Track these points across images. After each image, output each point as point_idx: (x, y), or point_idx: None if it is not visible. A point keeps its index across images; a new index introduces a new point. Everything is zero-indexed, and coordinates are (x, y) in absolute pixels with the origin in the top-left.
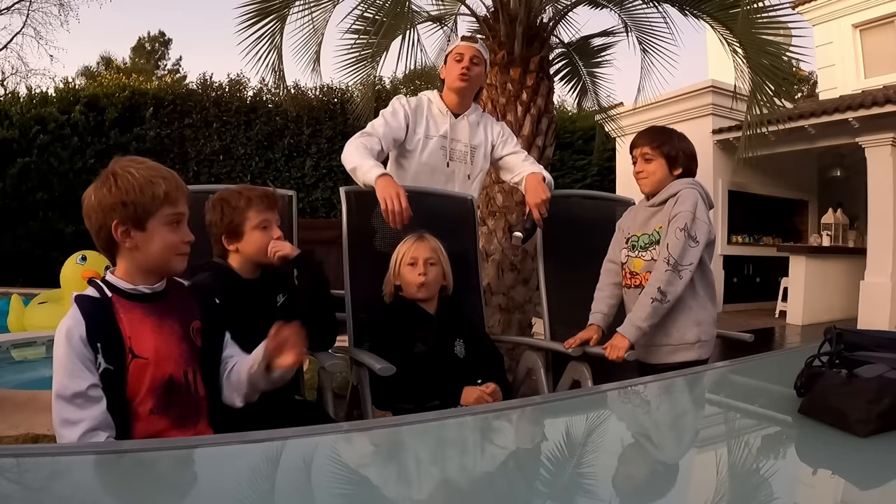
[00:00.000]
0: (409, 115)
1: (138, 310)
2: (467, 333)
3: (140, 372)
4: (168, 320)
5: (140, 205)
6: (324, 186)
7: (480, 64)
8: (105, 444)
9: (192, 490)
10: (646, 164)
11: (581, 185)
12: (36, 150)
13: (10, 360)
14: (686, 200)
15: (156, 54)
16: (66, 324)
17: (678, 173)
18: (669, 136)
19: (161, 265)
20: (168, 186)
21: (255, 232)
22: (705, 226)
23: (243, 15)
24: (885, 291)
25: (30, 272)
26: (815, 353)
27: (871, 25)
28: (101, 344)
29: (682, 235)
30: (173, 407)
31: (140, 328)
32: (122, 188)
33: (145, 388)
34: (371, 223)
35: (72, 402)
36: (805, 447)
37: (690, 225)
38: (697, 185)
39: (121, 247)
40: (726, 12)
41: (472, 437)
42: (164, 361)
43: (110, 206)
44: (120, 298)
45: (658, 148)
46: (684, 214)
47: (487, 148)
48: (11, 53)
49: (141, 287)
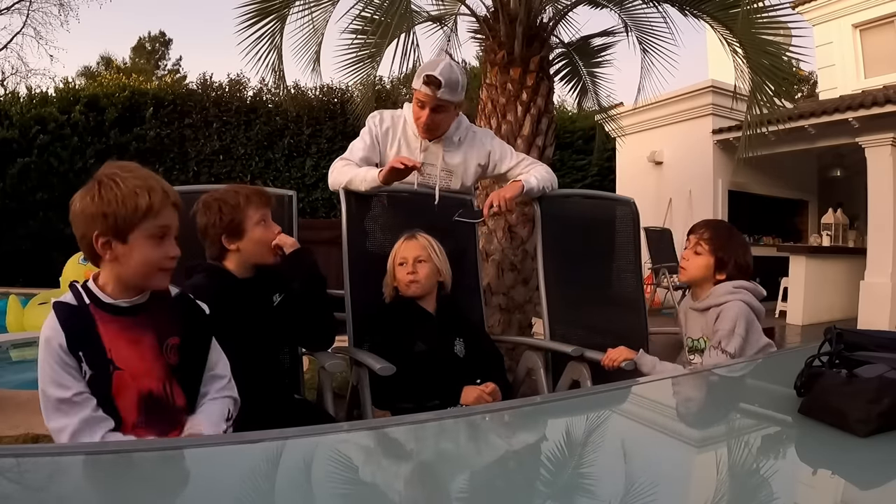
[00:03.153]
0: (378, 137)
1: (115, 323)
2: (467, 333)
3: (122, 382)
4: (146, 335)
5: (121, 217)
6: (324, 186)
7: (445, 110)
8: (105, 444)
9: (193, 490)
10: (694, 256)
11: (581, 185)
12: (36, 150)
13: (10, 360)
14: (727, 316)
15: (156, 54)
16: (46, 332)
17: (721, 279)
18: (730, 239)
19: (141, 280)
20: (153, 199)
21: (257, 228)
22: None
23: (243, 15)
24: (885, 291)
25: (30, 272)
26: (815, 353)
27: (871, 25)
28: (83, 352)
29: (717, 354)
30: (156, 421)
31: (117, 342)
32: (105, 199)
33: (131, 400)
34: (371, 223)
35: (58, 410)
36: (805, 447)
37: (727, 344)
38: (741, 293)
39: (103, 258)
40: (726, 12)
41: (472, 436)
42: (141, 376)
43: (91, 216)
44: (97, 309)
45: (711, 243)
46: (721, 332)
47: (471, 168)
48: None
49: (120, 301)
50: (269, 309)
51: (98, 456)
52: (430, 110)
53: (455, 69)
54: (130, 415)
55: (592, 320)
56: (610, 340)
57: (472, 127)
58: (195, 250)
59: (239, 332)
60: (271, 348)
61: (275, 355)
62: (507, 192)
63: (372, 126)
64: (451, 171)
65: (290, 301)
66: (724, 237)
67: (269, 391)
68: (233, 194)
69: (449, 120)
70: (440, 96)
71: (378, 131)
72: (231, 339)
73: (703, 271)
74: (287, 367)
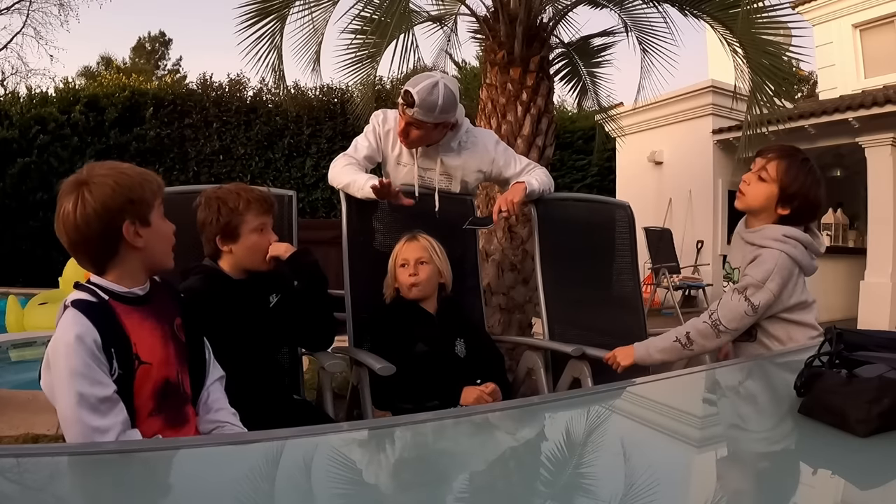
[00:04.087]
0: (380, 137)
1: (136, 313)
2: (468, 333)
3: (144, 376)
4: (160, 321)
5: (144, 201)
6: (324, 186)
7: (420, 128)
8: (105, 443)
9: (193, 490)
10: (757, 181)
11: (581, 185)
12: (36, 150)
13: (10, 360)
14: (763, 265)
15: (156, 54)
16: (75, 330)
17: (784, 213)
18: (804, 168)
19: (162, 260)
20: (157, 179)
21: (252, 235)
22: (769, 294)
23: (243, 15)
24: (885, 291)
25: (30, 272)
26: (815, 353)
27: (871, 25)
28: (114, 349)
29: (739, 300)
30: (167, 408)
31: (141, 332)
32: (126, 186)
33: (147, 392)
34: (371, 223)
35: (97, 410)
36: (805, 447)
37: (753, 294)
38: (791, 244)
39: (125, 248)
40: (726, 12)
41: (472, 437)
42: (162, 364)
43: (119, 207)
44: (118, 303)
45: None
46: (750, 279)
47: (471, 173)
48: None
49: (136, 289)
50: (265, 310)
51: (98, 456)
52: (405, 124)
53: (437, 91)
54: (146, 405)
55: (591, 321)
56: (609, 340)
57: (472, 131)
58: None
59: (235, 334)
60: (269, 349)
61: (272, 356)
62: (514, 196)
63: (375, 125)
64: (450, 174)
65: (289, 301)
66: (797, 166)
67: (267, 392)
68: (234, 196)
69: (430, 136)
70: (412, 115)
71: (381, 131)
72: (228, 341)
73: (764, 201)
74: (287, 368)
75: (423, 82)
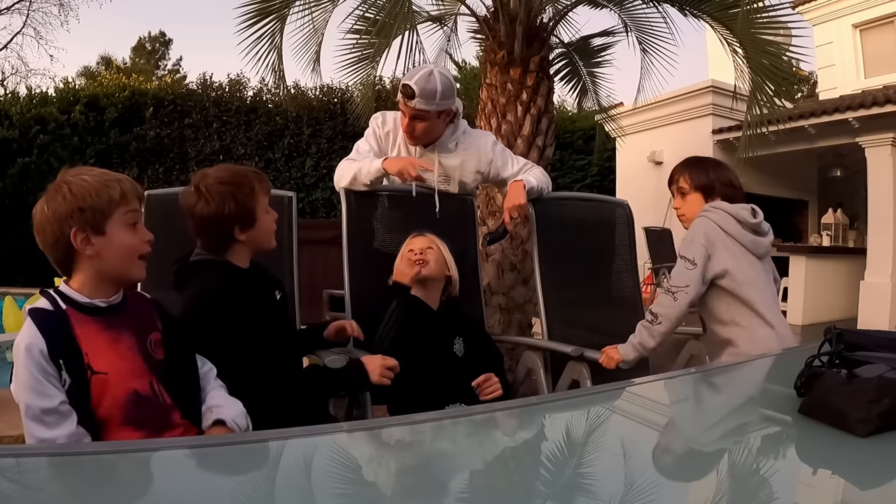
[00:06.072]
0: (381, 139)
1: (93, 324)
2: (467, 332)
3: (101, 387)
4: (125, 334)
5: (97, 209)
6: (324, 186)
7: (425, 119)
8: (105, 444)
9: (193, 490)
10: (682, 200)
11: (581, 185)
12: (36, 150)
13: (7, 360)
14: (690, 231)
15: (156, 54)
16: (25, 340)
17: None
18: (703, 165)
19: (122, 271)
20: (123, 187)
21: (264, 216)
22: (700, 247)
23: (243, 15)
24: (885, 291)
25: (30, 272)
26: (815, 353)
27: (871, 25)
28: (62, 360)
29: (679, 262)
30: (146, 420)
31: (96, 343)
32: (77, 194)
33: (109, 402)
34: (371, 223)
35: (43, 422)
36: (805, 447)
37: (686, 250)
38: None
39: (80, 256)
40: (726, 12)
41: (472, 436)
42: (124, 376)
43: (67, 213)
44: (75, 312)
45: (692, 178)
46: (683, 243)
47: (469, 174)
48: (11, 53)
49: (97, 301)
50: (273, 303)
51: (98, 456)
52: (409, 119)
53: (434, 78)
54: (116, 415)
55: (590, 320)
56: (609, 340)
57: (469, 131)
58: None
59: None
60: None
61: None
62: (520, 199)
63: (375, 128)
64: (449, 175)
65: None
66: (697, 165)
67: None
68: (245, 179)
69: (435, 127)
70: (415, 106)
71: (381, 133)
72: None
73: (697, 206)
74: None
75: (418, 73)
